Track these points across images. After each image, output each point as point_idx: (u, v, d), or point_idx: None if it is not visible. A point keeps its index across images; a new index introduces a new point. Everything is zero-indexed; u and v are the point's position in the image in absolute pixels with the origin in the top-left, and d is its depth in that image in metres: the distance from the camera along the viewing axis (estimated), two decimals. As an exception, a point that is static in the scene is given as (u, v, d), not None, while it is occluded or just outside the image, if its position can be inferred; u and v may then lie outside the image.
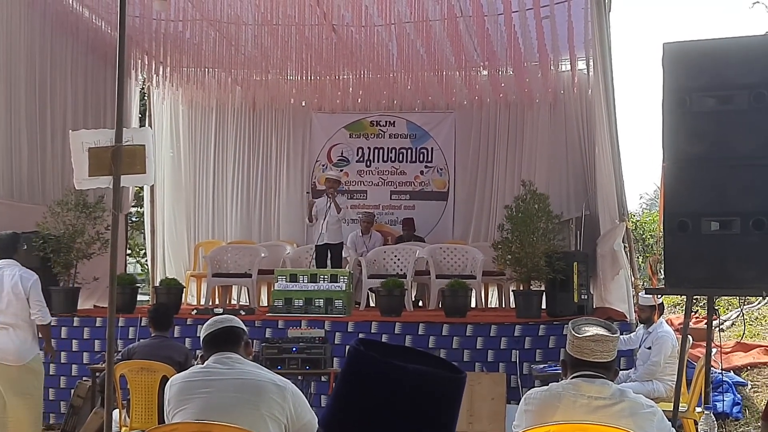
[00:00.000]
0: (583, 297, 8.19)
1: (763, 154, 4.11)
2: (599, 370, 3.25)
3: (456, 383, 1.73)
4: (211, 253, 10.92)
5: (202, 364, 3.53)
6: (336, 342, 7.72)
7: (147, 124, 12.51)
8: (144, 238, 13.12)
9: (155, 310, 6.30)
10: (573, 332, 3.29)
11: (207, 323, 3.62)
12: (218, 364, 3.42)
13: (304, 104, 13.09)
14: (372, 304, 10.11)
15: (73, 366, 8.13)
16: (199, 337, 3.68)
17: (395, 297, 8.52)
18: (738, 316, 9.98)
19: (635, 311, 7.48)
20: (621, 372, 7.03)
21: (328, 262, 10.24)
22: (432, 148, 12.83)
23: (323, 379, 7.13)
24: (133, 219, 14.91)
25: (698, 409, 6.09)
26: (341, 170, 12.80)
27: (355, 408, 1.70)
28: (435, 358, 1.82)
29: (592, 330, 3.28)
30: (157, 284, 9.68)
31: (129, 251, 15.56)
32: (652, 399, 3.42)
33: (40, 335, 6.38)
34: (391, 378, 1.66)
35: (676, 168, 4.26)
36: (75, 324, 8.25)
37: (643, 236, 14.38)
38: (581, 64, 11.02)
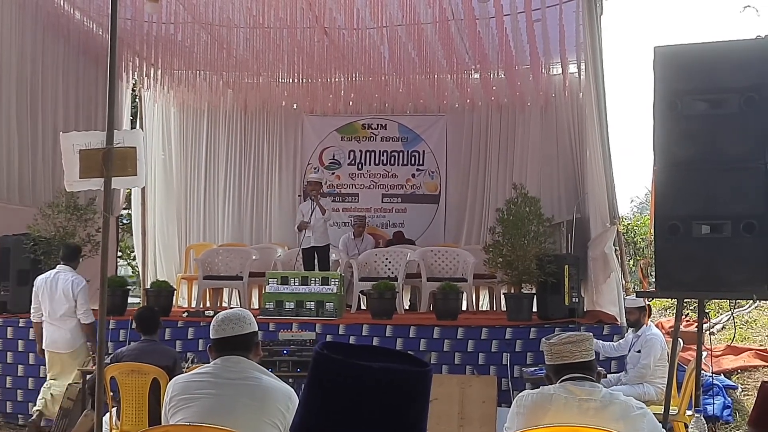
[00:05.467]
0: (574, 300, 8.19)
1: (753, 157, 4.12)
2: (584, 371, 3.32)
3: (422, 377, 1.73)
4: (202, 256, 10.90)
5: (209, 363, 3.46)
6: (327, 345, 7.67)
7: (138, 127, 12.49)
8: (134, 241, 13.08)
9: (140, 315, 6.20)
10: (548, 342, 3.42)
11: (218, 320, 3.44)
12: (224, 367, 3.36)
13: (295, 107, 13.11)
14: (363, 306, 10.10)
15: (64, 369, 8.05)
16: (191, 339, 3.63)
17: (386, 300, 8.51)
18: (728, 320, 10.02)
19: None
20: (612, 375, 7.05)
21: (316, 264, 10.22)
22: (424, 151, 12.84)
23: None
24: (124, 221, 14.85)
25: (689, 412, 6.09)
26: (333, 173, 12.81)
27: (323, 413, 1.69)
28: (401, 354, 1.81)
29: (564, 335, 3.42)
30: (148, 286, 9.64)
31: (120, 253, 15.49)
32: (642, 402, 3.43)
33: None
34: (357, 378, 1.65)
35: (667, 171, 4.27)
36: (65, 326, 8.17)
37: (634, 239, 14.38)
38: (572, 68, 11.04)
